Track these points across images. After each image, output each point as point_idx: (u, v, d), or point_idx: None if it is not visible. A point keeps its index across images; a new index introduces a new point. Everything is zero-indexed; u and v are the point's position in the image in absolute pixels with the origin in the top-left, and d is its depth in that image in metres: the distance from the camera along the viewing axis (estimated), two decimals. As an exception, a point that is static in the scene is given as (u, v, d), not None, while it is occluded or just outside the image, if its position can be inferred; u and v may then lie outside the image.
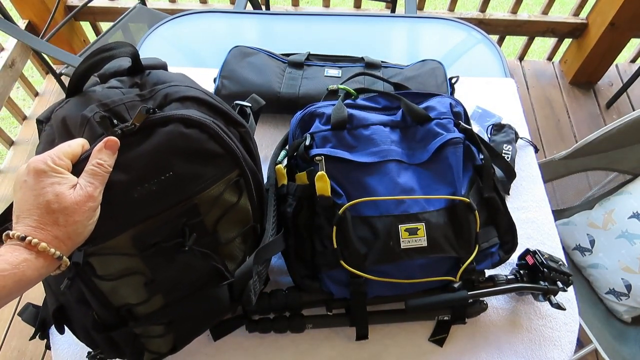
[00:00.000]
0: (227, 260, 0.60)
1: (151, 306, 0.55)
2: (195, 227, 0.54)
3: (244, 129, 0.60)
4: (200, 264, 0.56)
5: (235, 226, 0.59)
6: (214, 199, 0.54)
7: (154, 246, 0.51)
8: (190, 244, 0.53)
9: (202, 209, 0.54)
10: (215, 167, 0.54)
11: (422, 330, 0.75)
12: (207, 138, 0.52)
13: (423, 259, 0.65)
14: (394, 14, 1.69)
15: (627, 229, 1.13)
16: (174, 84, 0.55)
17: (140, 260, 0.52)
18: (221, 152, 0.54)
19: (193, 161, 0.51)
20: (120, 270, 0.51)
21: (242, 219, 0.60)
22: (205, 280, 0.58)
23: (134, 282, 0.53)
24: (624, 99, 2.17)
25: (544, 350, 0.74)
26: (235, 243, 0.61)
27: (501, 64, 1.15)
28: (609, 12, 1.92)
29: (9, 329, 1.54)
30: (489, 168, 0.71)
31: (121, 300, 0.53)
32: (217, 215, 0.56)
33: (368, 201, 0.65)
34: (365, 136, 0.68)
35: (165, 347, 0.61)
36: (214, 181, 0.54)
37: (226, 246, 0.59)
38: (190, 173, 0.51)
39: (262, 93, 0.93)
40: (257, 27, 1.25)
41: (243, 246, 0.62)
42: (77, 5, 2.01)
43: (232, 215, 0.58)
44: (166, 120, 0.50)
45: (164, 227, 0.51)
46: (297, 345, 0.73)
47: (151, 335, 0.58)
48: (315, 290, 0.68)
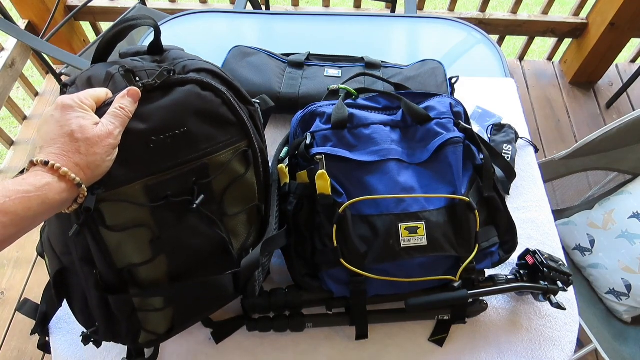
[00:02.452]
0: (232, 236, 0.61)
1: (154, 269, 0.56)
2: (204, 189, 0.55)
3: (253, 107, 0.63)
4: (206, 231, 0.57)
5: (240, 201, 0.61)
6: (223, 164, 0.57)
7: (165, 199, 0.53)
8: (198, 203, 0.54)
9: (212, 171, 0.56)
10: (227, 132, 0.57)
11: (422, 330, 0.75)
12: (221, 103, 0.56)
13: (423, 258, 0.65)
14: (394, 14, 1.69)
15: (627, 229, 1.13)
16: (192, 59, 0.59)
17: (149, 212, 0.53)
18: (233, 120, 0.57)
19: (206, 122, 0.55)
20: (129, 221, 0.52)
21: (247, 195, 0.61)
22: (209, 250, 0.59)
23: (141, 237, 0.54)
24: (624, 99, 2.18)
25: (544, 350, 0.74)
26: (240, 219, 0.62)
27: (501, 64, 1.15)
28: (609, 12, 1.92)
29: (9, 329, 1.54)
30: (489, 168, 0.71)
31: (125, 259, 0.54)
32: (225, 183, 0.58)
33: (368, 200, 0.65)
34: (366, 135, 0.69)
35: (163, 326, 0.60)
36: (225, 146, 0.56)
37: (232, 219, 0.60)
38: (203, 133, 0.54)
39: (262, 93, 0.93)
40: (257, 27, 1.25)
41: (248, 226, 0.63)
42: (77, 5, 2.01)
43: (238, 187, 0.59)
44: (184, 81, 0.54)
45: (175, 182, 0.53)
46: (297, 344, 0.73)
47: (150, 308, 0.58)
48: (315, 289, 0.68)
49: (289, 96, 0.94)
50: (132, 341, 0.60)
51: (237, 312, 0.74)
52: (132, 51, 0.61)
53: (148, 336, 0.60)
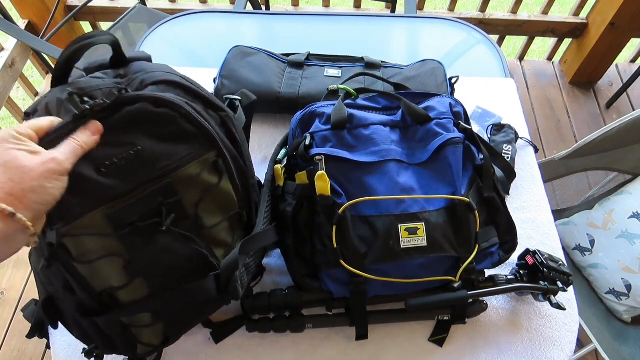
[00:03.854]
0: (214, 247, 0.59)
1: (134, 291, 0.54)
2: (174, 208, 0.53)
3: (224, 112, 0.60)
4: (181, 247, 0.55)
5: (219, 210, 0.58)
6: (190, 179, 0.54)
7: (130, 225, 0.50)
8: (168, 225, 0.52)
9: (179, 188, 0.53)
10: (189, 146, 0.54)
11: (422, 330, 0.75)
12: (179, 117, 0.53)
13: (423, 259, 0.65)
14: (394, 14, 1.69)
15: (627, 229, 1.13)
16: (151, 71, 0.56)
17: (116, 240, 0.51)
18: (194, 132, 0.54)
19: (162, 139, 0.52)
20: (97, 252, 0.50)
21: (225, 204, 0.59)
22: (189, 266, 0.57)
23: (113, 265, 0.52)
24: (624, 99, 2.18)
25: (544, 350, 0.74)
26: (221, 228, 0.59)
27: (501, 64, 1.15)
28: (609, 12, 1.92)
29: (9, 329, 1.54)
30: (488, 168, 0.71)
31: (102, 284, 0.52)
32: (196, 197, 0.55)
33: (368, 201, 0.65)
34: (365, 136, 0.68)
35: (157, 338, 0.60)
36: (189, 160, 0.54)
37: (211, 231, 0.58)
38: (160, 150, 0.51)
39: (262, 93, 0.94)
40: (257, 27, 1.25)
41: (231, 233, 0.61)
42: (77, 5, 2.01)
43: (213, 199, 0.57)
44: (135, 99, 0.50)
45: (138, 206, 0.51)
46: (297, 345, 0.73)
47: (139, 324, 0.57)
48: (315, 289, 0.68)
49: (289, 96, 0.94)
50: (132, 353, 0.60)
51: (237, 312, 0.74)
52: (95, 65, 0.58)
53: (145, 348, 0.60)
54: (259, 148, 0.95)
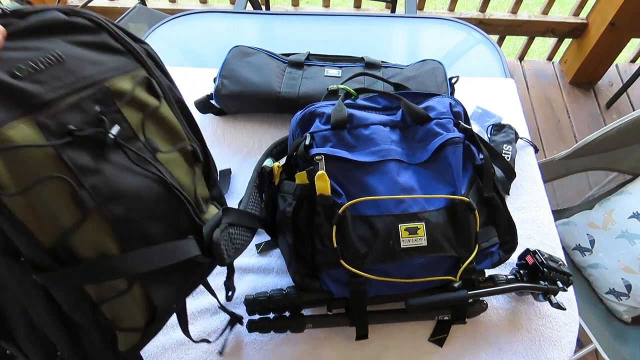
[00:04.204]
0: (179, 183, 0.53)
1: (93, 233, 0.44)
2: (116, 121, 0.47)
3: (146, 45, 0.55)
4: (141, 170, 0.48)
5: (166, 139, 0.53)
6: (125, 93, 0.49)
7: (69, 135, 0.43)
8: (115, 135, 0.45)
9: (117, 99, 0.48)
10: (115, 59, 0.49)
11: (422, 330, 0.75)
12: (98, 29, 0.49)
13: (423, 259, 0.65)
14: (394, 14, 1.69)
15: (627, 229, 1.13)
16: None
17: (55, 157, 0.42)
18: (119, 48, 0.50)
19: (84, 47, 0.47)
20: (33, 172, 0.41)
21: (171, 132, 0.54)
22: (154, 194, 0.49)
23: (58, 192, 0.42)
24: (624, 99, 2.18)
25: (544, 350, 0.74)
26: (176, 158, 0.54)
27: (501, 64, 1.15)
28: (609, 12, 1.92)
29: (9, 329, 1.54)
30: (488, 168, 0.71)
31: (51, 229, 0.42)
32: (138, 117, 0.50)
33: (368, 200, 0.65)
34: (365, 136, 0.68)
35: (140, 313, 0.49)
36: (119, 73, 0.49)
37: (167, 159, 0.53)
38: (81, 56, 0.46)
39: (262, 93, 0.94)
40: (257, 27, 1.25)
41: (188, 171, 0.56)
42: (77, 5, 2.01)
43: (156, 122, 0.52)
44: (42, 9, 0.45)
45: (75, 113, 0.44)
46: (297, 345, 0.73)
47: (113, 294, 0.47)
48: (315, 289, 0.68)
49: (289, 96, 0.94)
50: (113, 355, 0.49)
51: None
52: None
53: (128, 337, 0.49)
54: (259, 148, 0.95)
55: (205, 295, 0.76)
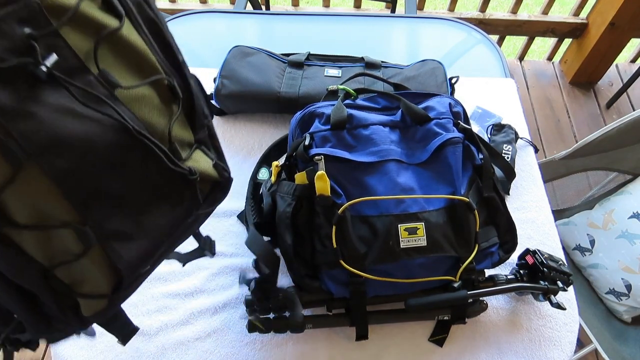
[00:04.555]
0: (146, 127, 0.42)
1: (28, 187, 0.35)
2: (56, 49, 0.35)
3: None
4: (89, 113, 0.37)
5: (130, 70, 0.41)
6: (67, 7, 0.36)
7: None
8: (49, 67, 0.34)
9: (53, 17, 0.35)
10: None
11: (422, 330, 0.75)
12: None
13: (423, 259, 0.65)
14: (394, 14, 1.69)
15: (627, 229, 1.13)
16: None
17: None
18: None
19: None
20: None
21: (138, 62, 0.42)
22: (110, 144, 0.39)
23: None
24: (624, 99, 2.17)
25: (544, 350, 0.74)
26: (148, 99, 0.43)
27: (501, 64, 1.15)
28: (609, 12, 1.92)
29: (9, 329, 1.54)
30: (488, 168, 0.71)
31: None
32: (89, 40, 0.38)
33: (368, 201, 0.65)
34: (365, 136, 0.68)
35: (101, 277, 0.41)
36: None
37: (132, 97, 0.41)
38: None
39: (262, 93, 0.94)
40: (257, 27, 1.25)
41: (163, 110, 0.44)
42: (77, 5, 2.01)
43: (117, 50, 0.40)
44: None
45: None
46: (297, 345, 0.73)
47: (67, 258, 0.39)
48: (315, 289, 0.68)
49: (289, 96, 0.94)
50: (77, 320, 0.42)
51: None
52: None
53: (92, 303, 0.42)
54: (259, 148, 0.95)
55: (205, 295, 0.76)
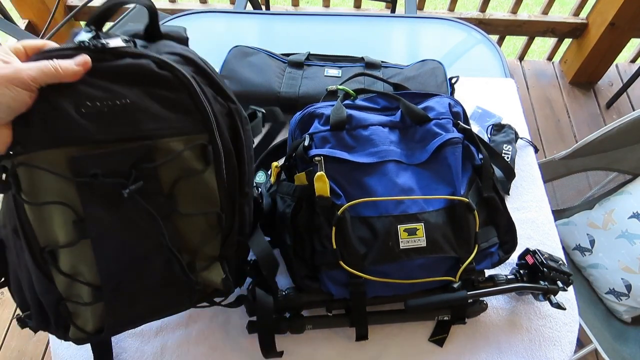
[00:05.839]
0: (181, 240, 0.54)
1: (78, 256, 0.50)
2: (147, 176, 0.49)
3: (234, 105, 0.56)
4: (144, 226, 0.50)
5: (197, 202, 0.54)
6: (172, 152, 0.50)
7: (92, 177, 0.46)
8: (132, 189, 0.47)
9: (158, 156, 0.49)
10: (181, 118, 0.50)
11: (422, 330, 0.75)
12: (180, 85, 0.49)
13: (422, 259, 0.65)
14: (394, 14, 1.69)
15: (627, 229, 1.13)
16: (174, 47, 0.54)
17: (74, 188, 0.47)
18: (191, 107, 0.50)
19: (156, 100, 0.48)
20: (49, 194, 0.46)
21: (205, 197, 0.54)
22: (147, 249, 0.52)
23: (63, 216, 0.48)
24: (624, 99, 2.18)
25: (544, 350, 0.74)
26: (196, 223, 0.55)
27: (501, 64, 1.15)
28: (609, 12, 1.92)
29: (9, 329, 1.54)
30: (488, 168, 0.71)
31: (47, 236, 0.49)
32: (174, 175, 0.51)
33: (367, 202, 0.64)
34: (364, 137, 0.68)
35: (91, 324, 0.54)
36: (176, 133, 0.50)
37: (184, 220, 0.54)
38: (149, 111, 0.48)
39: (262, 93, 0.94)
40: (257, 27, 1.25)
41: (205, 235, 0.56)
42: (77, 5, 2.02)
43: (193, 185, 0.53)
44: (140, 54, 0.48)
45: (109, 160, 0.47)
46: (297, 345, 0.73)
47: (78, 300, 0.52)
48: (315, 290, 0.68)
49: (289, 96, 0.94)
50: (63, 335, 0.55)
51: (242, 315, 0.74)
52: (130, 33, 0.55)
53: (78, 333, 0.54)
54: (258, 148, 0.95)
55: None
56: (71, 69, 0.44)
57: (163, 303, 0.58)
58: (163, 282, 0.55)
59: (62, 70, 0.43)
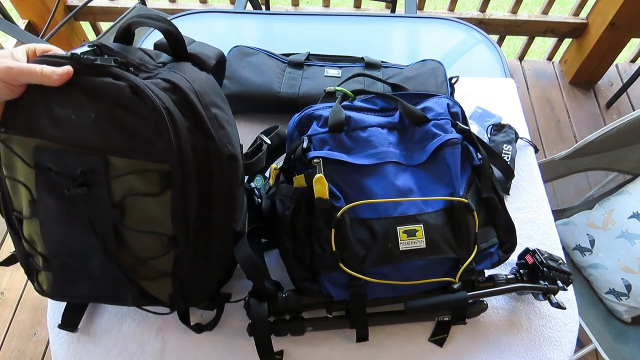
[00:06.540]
0: (125, 249, 0.57)
1: (32, 228, 0.58)
2: (97, 184, 0.53)
3: (214, 143, 0.56)
4: (84, 226, 0.55)
5: (145, 220, 0.56)
6: (121, 171, 0.53)
7: (48, 170, 0.53)
8: (72, 192, 0.53)
9: (110, 170, 0.53)
10: (139, 144, 0.52)
11: (422, 330, 0.75)
12: (147, 112, 0.50)
13: (422, 261, 0.65)
14: (394, 14, 1.69)
15: (627, 229, 1.13)
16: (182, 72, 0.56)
17: (33, 175, 0.54)
18: (154, 135, 0.51)
19: (118, 121, 0.51)
20: (17, 173, 0.55)
21: (155, 219, 0.56)
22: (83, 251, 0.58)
23: (24, 194, 0.56)
24: (624, 99, 2.17)
25: (544, 350, 0.74)
26: (144, 238, 0.57)
27: (501, 64, 1.15)
28: (609, 12, 1.92)
29: (9, 329, 1.55)
30: (487, 168, 0.71)
31: (17, 203, 0.58)
32: (126, 190, 0.54)
33: (366, 203, 0.64)
34: (363, 138, 0.68)
35: (46, 284, 0.62)
36: (130, 155, 0.52)
37: (131, 232, 0.56)
38: (111, 128, 0.51)
39: (262, 93, 0.94)
40: (257, 27, 1.25)
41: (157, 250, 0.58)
42: (77, 5, 2.01)
43: (142, 204, 0.55)
44: (120, 76, 0.51)
45: (64, 160, 0.53)
46: (297, 346, 0.73)
47: (36, 261, 0.61)
48: (315, 292, 0.68)
49: (289, 96, 0.94)
50: (32, 280, 0.64)
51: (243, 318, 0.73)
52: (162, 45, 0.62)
53: (38, 286, 0.63)
54: (258, 148, 0.95)
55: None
56: (52, 76, 0.49)
57: (104, 293, 0.62)
58: (104, 276, 0.60)
59: (43, 75, 0.49)
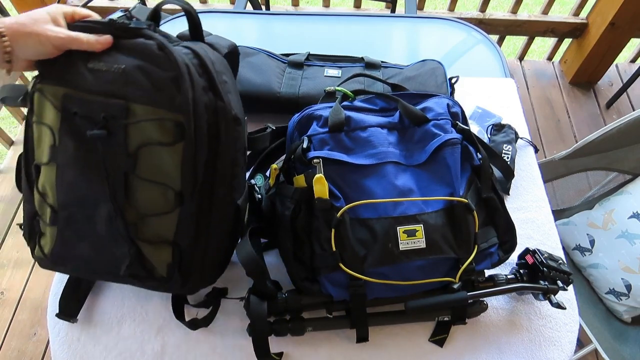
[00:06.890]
0: (130, 202, 0.59)
1: (47, 176, 0.62)
2: (116, 131, 0.57)
3: (222, 103, 0.60)
4: (98, 171, 0.58)
5: (155, 171, 0.59)
6: (140, 117, 0.57)
7: (74, 115, 0.58)
8: (93, 133, 0.57)
9: (129, 117, 0.57)
10: (160, 94, 0.57)
11: (422, 330, 0.75)
12: (169, 66, 0.57)
13: (422, 261, 0.65)
14: (394, 14, 1.69)
15: (627, 229, 1.13)
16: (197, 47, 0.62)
17: (58, 119, 0.59)
18: (172, 88, 0.57)
19: (144, 72, 0.57)
20: (45, 117, 0.60)
21: (165, 170, 0.59)
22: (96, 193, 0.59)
23: (48, 138, 0.60)
24: (624, 99, 2.17)
25: (544, 350, 0.74)
26: (150, 192, 0.59)
27: (501, 64, 1.15)
28: (609, 12, 1.92)
29: (9, 329, 1.54)
30: (486, 168, 0.71)
31: (38, 152, 0.62)
32: (140, 140, 0.58)
33: (366, 203, 0.64)
34: (363, 138, 0.68)
35: (48, 245, 0.64)
36: (149, 103, 0.57)
37: (140, 182, 0.59)
38: (136, 77, 0.57)
39: (262, 93, 0.94)
40: (257, 27, 1.25)
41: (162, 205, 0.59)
42: (77, 5, 2.01)
43: (154, 155, 0.58)
44: (150, 36, 0.59)
45: (91, 106, 0.57)
46: (297, 346, 0.73)
47: (44, 218, 0.64)
48: (315, 292, 0.68)
49: (289, 96, 0.94)
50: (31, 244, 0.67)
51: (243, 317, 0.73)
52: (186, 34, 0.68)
53: (38, 251, 0.66)
54: (258, 148, 0.95)
55: (205, 295, 0.76)
56: (95, 45, 0.58)
57: (103, 256, 0.63)
58: (107, 236, 0.62)
59: (89, 44, 0.58)
